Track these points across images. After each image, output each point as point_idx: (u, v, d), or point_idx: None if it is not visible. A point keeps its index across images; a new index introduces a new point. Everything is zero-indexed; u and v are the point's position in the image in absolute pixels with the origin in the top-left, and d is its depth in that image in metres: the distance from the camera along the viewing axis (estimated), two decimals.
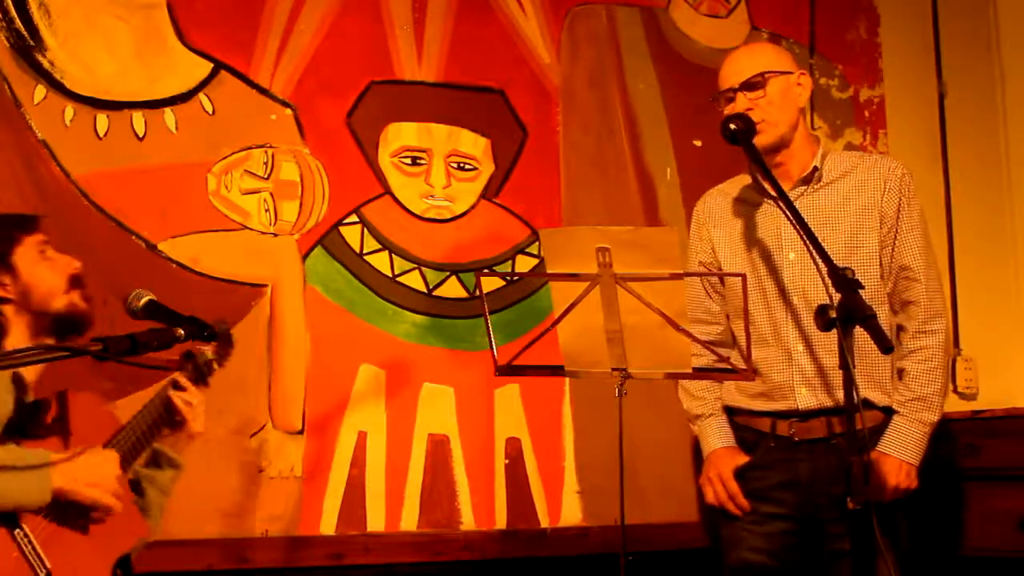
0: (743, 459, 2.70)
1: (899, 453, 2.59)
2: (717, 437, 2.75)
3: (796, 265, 2.64)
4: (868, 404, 2.62)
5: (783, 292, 2.64)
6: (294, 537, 3.07)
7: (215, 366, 2.47)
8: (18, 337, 2.24)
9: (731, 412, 2.77)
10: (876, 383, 2.63)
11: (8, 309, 2.24)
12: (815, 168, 2.68)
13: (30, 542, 2.07)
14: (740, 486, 2.68)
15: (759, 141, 2.59)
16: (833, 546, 2.60)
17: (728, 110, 2.67)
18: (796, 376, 2.62)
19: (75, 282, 2.32)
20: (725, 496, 2.69)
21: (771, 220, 2.69)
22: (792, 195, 2.65)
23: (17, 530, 2.07)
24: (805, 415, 2.62)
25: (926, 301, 2.64)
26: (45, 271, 2.29)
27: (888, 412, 2.64)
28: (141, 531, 2.30)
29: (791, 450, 2.64)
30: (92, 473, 2.14)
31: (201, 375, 2.42)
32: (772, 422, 2.67)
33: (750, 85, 2.64)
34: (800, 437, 2.63)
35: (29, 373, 2.26)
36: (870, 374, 2.61)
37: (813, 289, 2.59)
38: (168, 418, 2.36)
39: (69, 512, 2.14)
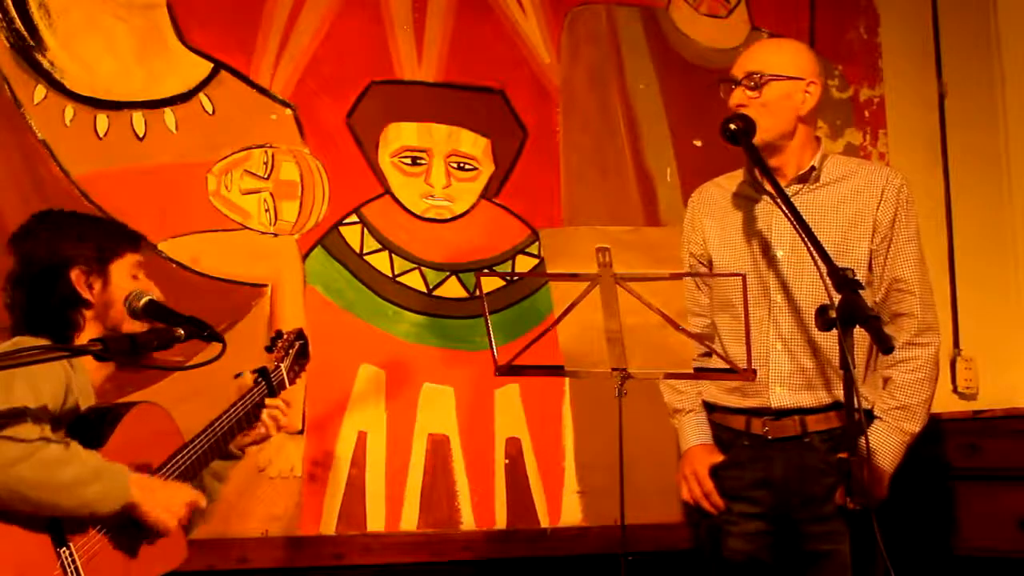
0: (719, 457, 2.66)
1: (875, 459, 2.52)
2: (695, 434, 2.71)
3: (783, 263, 2.61)
4: (841, 405, 2.59)
5: (767, 290, 2.61)
6: (294, 537, 3.07)
7: (287, 384, 2.46)
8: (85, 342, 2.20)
9: (710, 408, 2.74)
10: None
11: (88, 313, 2.22)
12: (812, 167, 2.63)
13: (74, 562, 2.01)
14: (716, 484, 2.64)
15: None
16: (811, 547, 2.56)
17: (724, 96, 2.62)
18: (772, 374, 2.58)
19: None
20: (700, 493, 2.65)
21: (764, 217, 2.66)
22: (787, 192, 2.63)
23: (63, 548, 2.01)
24: (778, 413, 2.59)
25: (920, 314, 2.58)
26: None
27: (867, 415, 2.58)
28: (181, 551, 2.25)
29: (765, 448, 2.61)
30: (171, 497, 2.13)
31: (272, 392, 2.40)
32: (746, 420, 2.63)
33: (750, 81, 2.58)
34: (774, 435, 2.60)
35: (95, 379, 2.24)
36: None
37: (797, 288, 2.57)
38: (246, 427, 2.36)
39: (128, 529, 2.10)
